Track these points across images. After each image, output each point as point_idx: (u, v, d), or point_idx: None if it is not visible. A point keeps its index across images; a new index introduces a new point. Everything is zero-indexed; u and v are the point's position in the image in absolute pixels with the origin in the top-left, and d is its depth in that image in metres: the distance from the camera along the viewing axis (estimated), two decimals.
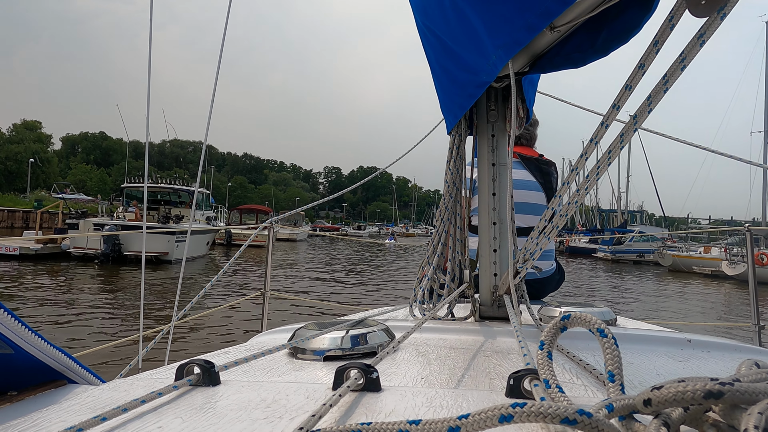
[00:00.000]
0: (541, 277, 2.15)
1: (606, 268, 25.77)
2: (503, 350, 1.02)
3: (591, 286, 16.95)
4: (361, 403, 0.60)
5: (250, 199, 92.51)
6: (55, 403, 0.63)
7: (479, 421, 0.39)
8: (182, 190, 22.86)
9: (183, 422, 0.54)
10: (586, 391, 0.73)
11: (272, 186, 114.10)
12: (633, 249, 31.52)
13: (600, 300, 11.44)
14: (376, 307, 1.86)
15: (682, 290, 16.62)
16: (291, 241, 36.97)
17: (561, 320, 0.53)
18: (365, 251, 30.15)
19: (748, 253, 3.18)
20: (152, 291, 10.66)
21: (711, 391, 0.36)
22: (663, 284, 18.53)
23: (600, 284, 17.84)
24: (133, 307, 8.85)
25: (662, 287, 17.44)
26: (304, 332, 0.99)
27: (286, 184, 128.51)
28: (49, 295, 9.64)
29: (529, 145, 2.38)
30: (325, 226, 63.31)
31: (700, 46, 0.72)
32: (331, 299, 10.51)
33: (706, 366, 0.96)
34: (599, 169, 0.90)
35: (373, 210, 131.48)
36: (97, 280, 12.35)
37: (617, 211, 51.90)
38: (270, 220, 2.52)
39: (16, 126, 62.18)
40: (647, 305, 12.58)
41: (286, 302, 9.17)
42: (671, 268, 24.62)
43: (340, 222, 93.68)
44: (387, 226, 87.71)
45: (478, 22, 0.97)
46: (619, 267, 27.26)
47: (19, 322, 0.61)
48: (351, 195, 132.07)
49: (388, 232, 64.33)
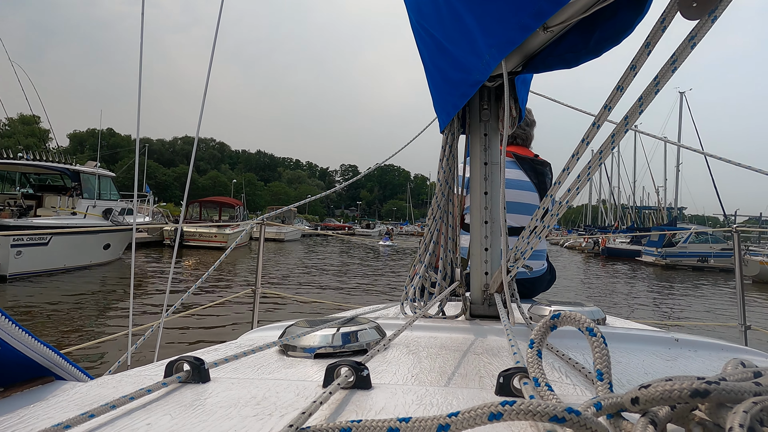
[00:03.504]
0: (532, 277, 2.16)
1: (658, 277, 20.20)
2: (493, 348, 1.02)
3: (643, 303, 12.49)
4: (352, 401, 0.60)
5: (259, 196, 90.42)
6: (42, 400, 0.63)
7: (469, 418, 0.40)
8: (53, 169, 14.80)
9: (172, 419, 0.54)
10: (575, 390, 0.73)
11: (283, 183, 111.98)
12: (691, 252, 25.03)
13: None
14: (367, 305, 1.87)
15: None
16: (277, 242, 31.64)
17: (551, 319, 0.53)
18: (343, 256, 24.14)
19: (735, 254, 3.22)
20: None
21: (697, 389, 0.36)
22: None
23: (656, 300, 13.08)
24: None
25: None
26: (294, 329, 0.99)
27: (300, 182, 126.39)
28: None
29: (525, 145, 2.39)
30: (329, 225, 58.88)
31: (691, 49, 0.73)
32: (323, 297, 10.48)
33: (693, 365, 0.97)
34: (590, 170, 0.91)
35: (389, 208, 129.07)
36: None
37: (657, 208, 45.13)
38: (261, 217, 2.51)
39: (12, 120, 60.73)
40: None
41: (277, 299, 9.14)
42: (757, 279, 18.75)
43: (352, 221, 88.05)
44: (401, 225, 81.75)
45: (472, 21, 0.97)
46: (676, 275, 21.08)
47: (6, 317, 0.61)
48: (367, 193, 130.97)
49: (398, 231, 53.83)
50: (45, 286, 10.93)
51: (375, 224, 64.90)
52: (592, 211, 68.56)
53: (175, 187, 77.23)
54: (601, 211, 60.93)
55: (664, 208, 43.57)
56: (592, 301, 1.30)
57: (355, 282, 14.34)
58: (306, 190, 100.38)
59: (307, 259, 21.36)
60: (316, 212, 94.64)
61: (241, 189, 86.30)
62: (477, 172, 1.39)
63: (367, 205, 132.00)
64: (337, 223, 65.30)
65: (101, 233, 14.08)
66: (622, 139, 0.88)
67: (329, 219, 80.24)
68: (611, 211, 56.33)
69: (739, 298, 3.11)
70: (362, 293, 12.13)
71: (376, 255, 25.93)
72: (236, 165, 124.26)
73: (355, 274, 16.71)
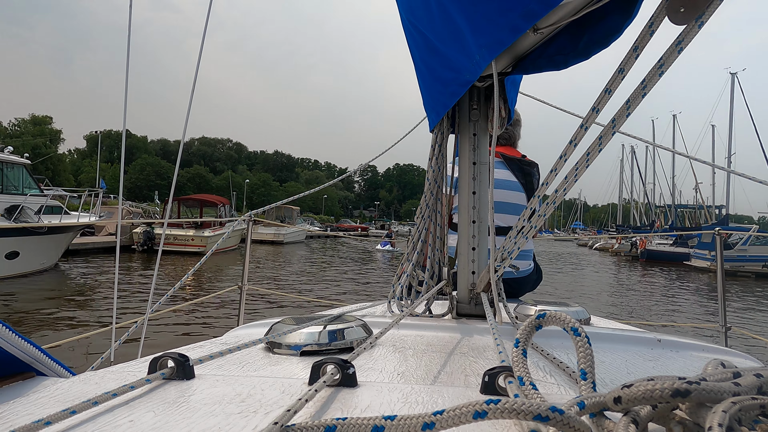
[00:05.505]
0: (518, 276, 2.18)
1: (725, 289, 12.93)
2: (479, 347, 1.03)
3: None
4: (337, 399, 0.60)
5: (274, 197, 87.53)
6: (23, 396, 0.61)
7: (454, 417, 0.40)
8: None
9: (155, 416, 0.53)
10: (559, 389, 0.74)
11: (300, 184, 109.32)
12: (753, 255, 21.47)
13: None
14: (354, 303, 1.86)
15: None
16: (275, 244, 27.72)
17: (536, 318, 0.54)
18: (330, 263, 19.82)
19: (717, 256, 3.27)
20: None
21: (678, 389, 0.37)
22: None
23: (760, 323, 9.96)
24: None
25: None
26: (281, 327, 0.98)
27: (318, 183, 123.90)
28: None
29: (510, 145, 2.40)
30: (342, 226, 56.08)
31: (678, 53, 0.74)
32: (310, 294, 10.41)
33: (674, 365, 0.99)
34: (578, 171, 0.92)
35: (408, 208, 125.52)
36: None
37: (694, 206, 42.16)
38: (250, 213, 2.49)
39: (23, 121, 59.33)
40: None
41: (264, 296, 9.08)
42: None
43: (369, 221, 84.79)
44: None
45: (463, 21, 0.98)
46: (739, 284, 17.80)
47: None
48: (386, 193, 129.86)
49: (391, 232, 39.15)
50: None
51: (390, 225, 59.63)
52: (622, 210, 64.69)
53: (189, 188, 76.63)
54: (632, 210, 56.14)
55: (707, 207, 39.17)
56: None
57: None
58: (323, 191, 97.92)
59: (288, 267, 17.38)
60: (332, 212, 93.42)
61: (255, 189, 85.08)
62: (465, 172, 1.40)
63: (386, 206, 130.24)
64: (351, 224, 62.51)
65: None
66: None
67: (344, 220, 77.17)
68: (642, 210, 52.04)
69: (720, 300, 3.16)
70: (351, 294, 11.22)
71: (366, 262, 21.46)
72: (254, 166, 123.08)
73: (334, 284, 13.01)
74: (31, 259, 12.07)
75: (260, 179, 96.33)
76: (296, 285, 12.52)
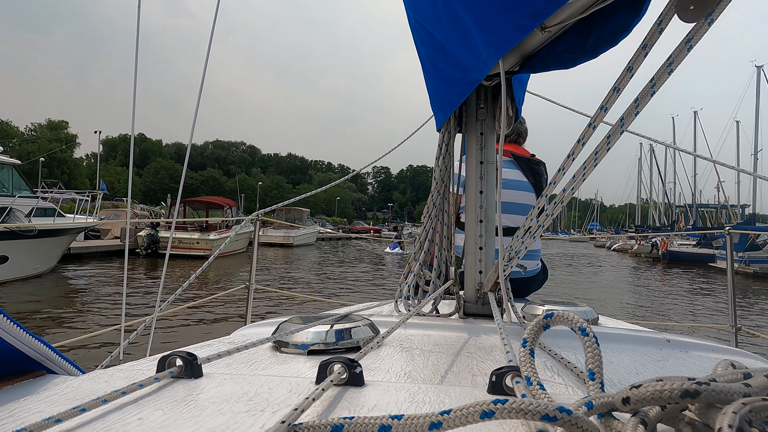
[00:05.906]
0: (525, 276, 2.17)
1: (754, 292, 15.28)
2: (486, 347, 1.02)
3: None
4: (344, 398, 0.60)
5: (287, 199, 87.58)
6: (33, 393, 0.62)
7: (461, 416, 0.40)
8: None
9: (164, 414, 0.54)
10: (566, 389, 0.74)
11: (313, 186, 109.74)
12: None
13: None
14: (361, 302, 1.87)
15: None
16: (285, 247, 26.79)
17: (544, 318, 0.54)
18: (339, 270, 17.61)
19: (727, 256, 3.24)
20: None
21: (688, 390, 0.36)
22: None
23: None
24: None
25: None
26: (288, 326, 0.99)
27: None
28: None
29: (517, 142, 2.39)
30: (355, 228, 55.68)
31: (688, 51, 0.73)
32: (317, 294, 10.42)
33: (683, 366, 0.98)
34: (586, 170, 0.91)
35: (421, 210, 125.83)
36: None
37: (716, 206, 40.14)
38: (257, 212, 2.49)
39: (40, 126, 59.56)
40: None
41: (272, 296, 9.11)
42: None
43: (383, 223, 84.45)
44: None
45: (470, 20, 0.97)
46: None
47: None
48: (400, 195, 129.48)
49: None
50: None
51: (403, 226, 57.58)
52: (641, 211, 63.26)
53: (202, 191, 77.18)
54: (651, 210, 54.35)
55: (731, 207, 37.24)
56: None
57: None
58: (334, 192, 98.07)
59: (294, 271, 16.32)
60: (345, 214, 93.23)
61: (268, 191, 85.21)
62: (472, 171, 1.40)
63: (399, 207, 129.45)
64: (364, 226, 61.87)
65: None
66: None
67: (357, 222, 76.29)
68: (661, 209, 50.44)
69: (731, 300, 3.13)
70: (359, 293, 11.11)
71: (374, 267, 19.63)
72: (267, 168, 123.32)
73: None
74: (22, 263, 11.45)
75: (273, 181, 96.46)
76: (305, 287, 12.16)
